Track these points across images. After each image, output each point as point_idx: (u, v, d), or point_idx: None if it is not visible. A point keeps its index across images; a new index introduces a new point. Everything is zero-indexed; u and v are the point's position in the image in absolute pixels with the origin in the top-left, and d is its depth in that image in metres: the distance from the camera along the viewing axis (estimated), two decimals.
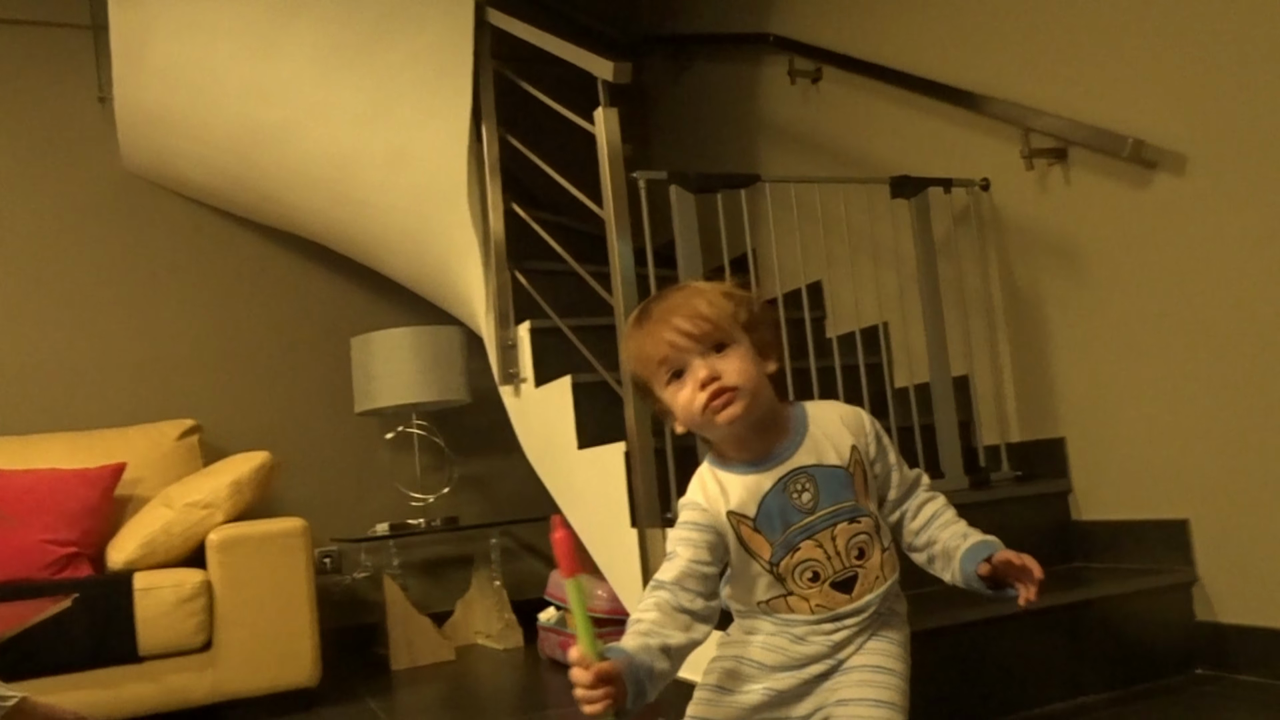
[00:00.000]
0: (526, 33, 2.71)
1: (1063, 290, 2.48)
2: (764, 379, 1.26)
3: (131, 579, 2.59)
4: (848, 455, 1.28)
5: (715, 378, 1.21)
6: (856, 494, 1.27)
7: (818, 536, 1.25)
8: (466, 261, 3.04)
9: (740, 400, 1.22)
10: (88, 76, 3.56)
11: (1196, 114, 2.13)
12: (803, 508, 1.25)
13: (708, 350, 1.22)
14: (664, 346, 1.22)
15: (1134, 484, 2.32)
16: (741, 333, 1.24)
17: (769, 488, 1.26)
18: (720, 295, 1.26)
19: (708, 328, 1.21)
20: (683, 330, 1.21)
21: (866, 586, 1.28)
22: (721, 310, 1.23)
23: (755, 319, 1.27)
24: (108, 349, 3.51)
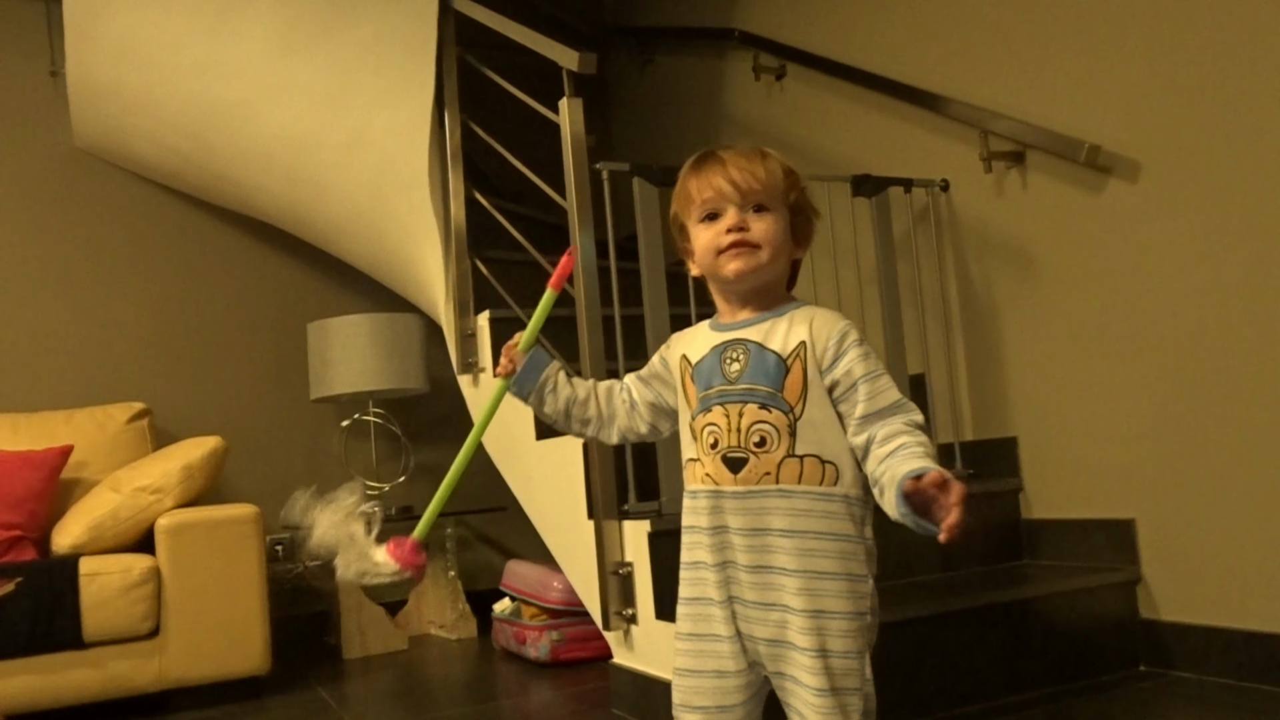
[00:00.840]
0: (491, 19, 2.69)
1: (1017, 292, 2.52)
2: (784, 255, 1.31)
3: (77, 563, 2.54)
4: (791, 348, 1.26)
5: (744, 228, 1.27)
6: (784, 387, 1.25)
7: (728, 407, 1.26)
8: (426, 248, 3.01)
9: (755, 258, 1.27)
10: (39, 49, 3.47)
11: (1151, 122, 2.17)
12: (728, 375, 1.28)
13: (748, 206, 1.28)
14: (710, 189, 1.29)
15: (1083, 483, 2.37)
16: (784, 207, 1.30)
17: (713, 346, 1.31)
18: (782, 169, 1.31)
19: (757, 187, 1.27)
20: (734, 180, 1.27)
21: (753, 476, 1.23)
22: (776, 179, 1.29)
23: (801, 204, 1.32)
24: (55, 329, 3.43)
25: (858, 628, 1.23)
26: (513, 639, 2.91)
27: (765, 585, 1.23)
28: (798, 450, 1.23)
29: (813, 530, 1.23)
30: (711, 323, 1.37)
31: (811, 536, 1.22)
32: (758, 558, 1.24)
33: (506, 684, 2.67)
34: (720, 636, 1.26)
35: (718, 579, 1.26)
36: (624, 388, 1.44)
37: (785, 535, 1.22)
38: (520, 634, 2.86)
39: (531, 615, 2.85)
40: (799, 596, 1.21)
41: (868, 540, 1.26)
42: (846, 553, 1.23)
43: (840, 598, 1.22)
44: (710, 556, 1.27)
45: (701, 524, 1.28)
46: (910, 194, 2.67)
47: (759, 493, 1.23)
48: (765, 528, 1.23)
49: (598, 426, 1.43)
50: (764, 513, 1.23)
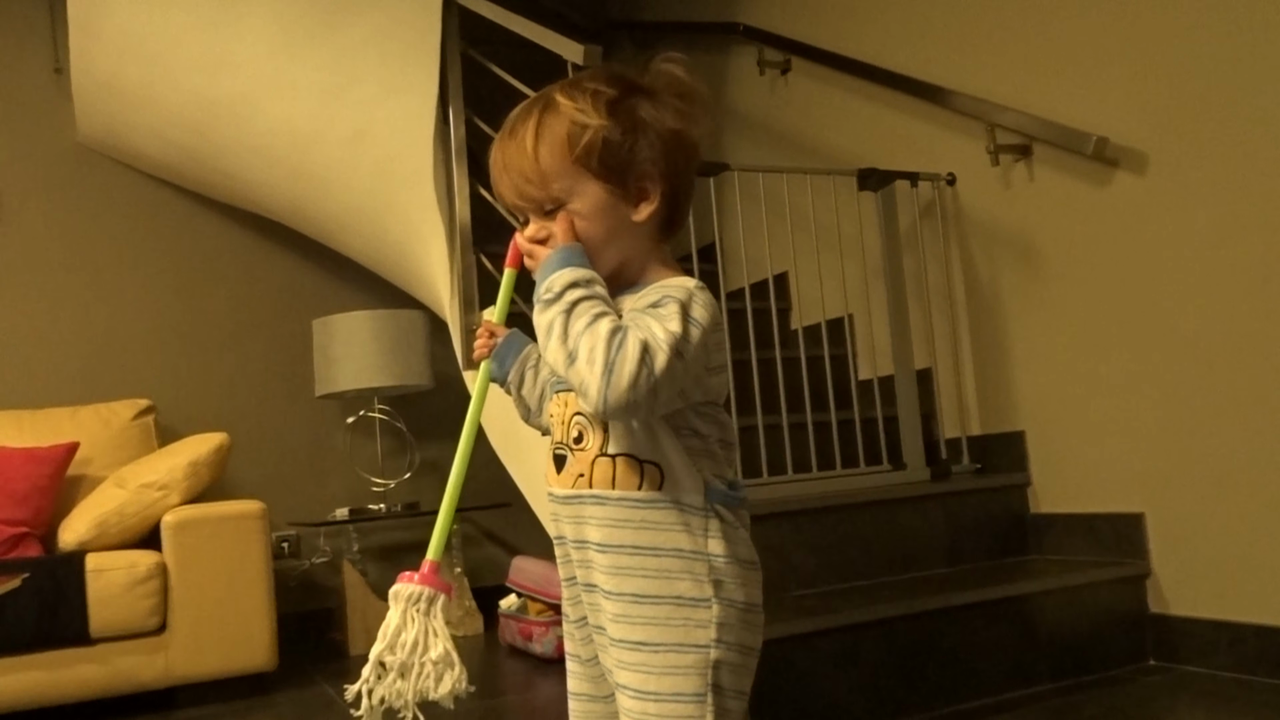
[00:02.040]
0: (495, 14, 2.68)
1: (1024, 286, 2.50)
2: (615, 238, 1.04)
3: (84, 559, 2.54)
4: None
5: (542, 240, 1.04)
6: None
7: (561, 395, 1.08)
8: (430, 244, 3.00)
9: None
10: (44, 46, 3.47)
11: (1159, 114, 2.16)
12: None
13: (539, 212, 1.05)
14: (500, 190, 1.08)
15: (1091, 478, 2.36)
16: (587, 179, 1.02)
17: None
18: (565, 131, 1.02)
19: (536, 192, 1.03)
20: (516, 187, 1.05)
21: (570, 477, 1.03)
22: (556, 162, 1.02)
23: (614, 159, 1.02)
24: (60, 326, 3.43)
25: (691, 664, 0.96)
26: (519, 635, 2.90)
27: (594, 606, 1.04)
28: (609, 449, 1.01)
29: (628, 544, 1.00)
30: None
31: (627, 551, 1.00)
32: (586, 574, 1.04)
33: (513, 680, 2.66)
34: (577, 658, 1.11)
35: (569, 595, 1.10)
36: None
37: (600, 550, 1.01)
38: (526, 630, 2.85)
39: (538, 611, 2.84)
40: (615, 623, 0.99)
41: (713, 556, 0.99)
42: (674, 571, 0.98)
43: (664, 626, 0.97)
44: (562, 570, 1.10)
45: (551, 531, 1.12)
46: (916, 188, 2.66)
47: (576, 498, 1.03)
48: (584, 540, 1.04)
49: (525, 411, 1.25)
50: (582, 522, 1.03)
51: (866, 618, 1.95)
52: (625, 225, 1.04)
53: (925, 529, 2.37)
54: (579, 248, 1.02)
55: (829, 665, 1.90)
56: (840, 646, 1.92)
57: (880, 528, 2.33)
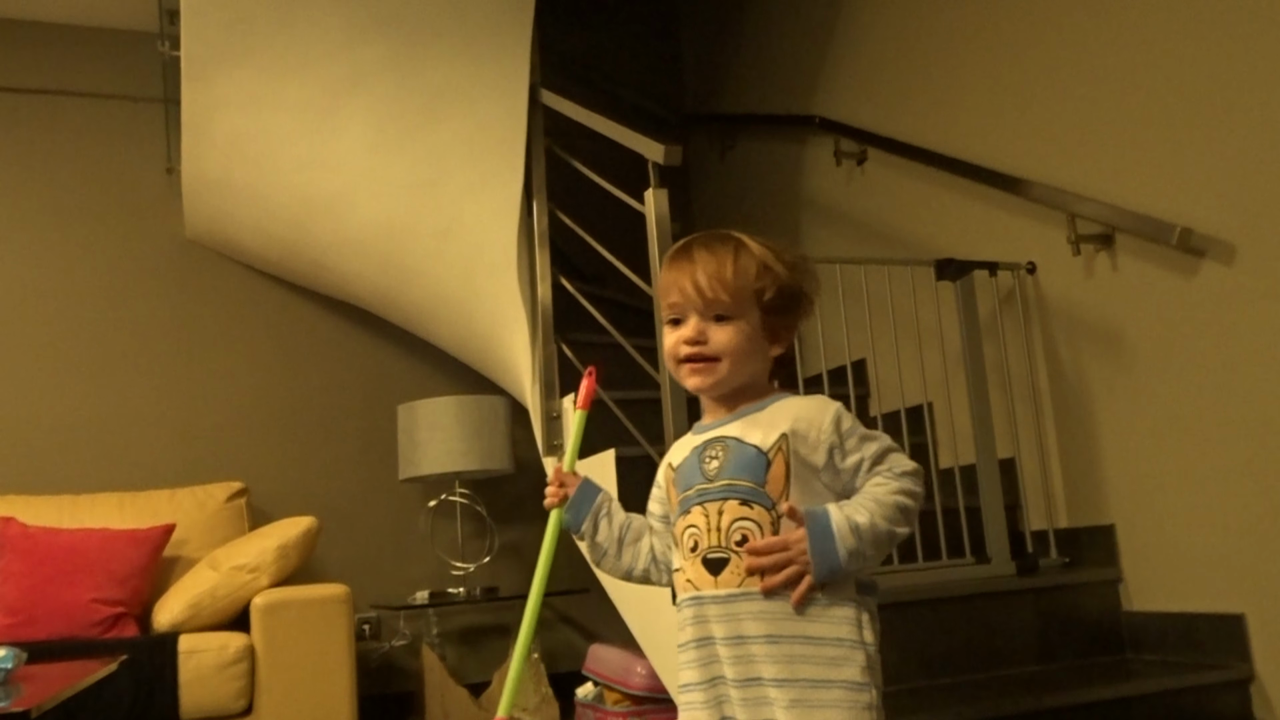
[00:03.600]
0: (577, 113, 2.79)
1: (1109, 375, 2.46)
2: (754, 359, 1.24)
3: (177, 641, 2.61)
4: (773, 440, 1.19)
5: (700, 341, 1.22)
6: (766, 481, 1.18)
7: (707, 505, 1.20)
8: (513, 332, 3.09)
9: (713, 373, 1.23)
10: (157, 147, 3.71)
11: (1245, 203, 2.13)
12: (706, 473, 1.22)
13: (709, 315, 1.23)
14: (675, 292, 1.24)
15: (1187, 575, 2.27)
16: (755, 310, 1.24)
17: (693, 447, 1.26)
18: (756, 266, 1.25)
19: (724, 296, 1.22)
20: (699, 285, 1.22)
21: (735, 577, 1.15)
22: (744, 283, 1.23)
23: (780, 301, 1.25)
24: (161, 410, 3.59)
25: None
26: None
27: (756, 701, 1.13)
28: None
29: (799, 635, 1.13)
30: (696, 426, 1.32)
31: (799, 642, 1.13)
32: (744, 669, 1.14)
33: None
34: None
35: (705, 698, 1.17)
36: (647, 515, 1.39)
37: (771, 642, 1.13)
38: (603, 719, 2.83)
39: (614, 701, 2.82)
40: (790, 710, 1.10)
41: (868, 645, 1.15)
42: (840, 659, 1.13)
43: (838, 709, 1.11)
44: (696, 674, 1.18)
45: (686, 637, 1.20)
46: (995, 277, 2.65)
47: (740, 596, 1.15)
48: (746, 635, 1.14)
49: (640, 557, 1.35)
50: (742, 619, 1.15)
51: (955, 718, 1.90)
52: (762, 353, 1.26)
53: (1013, 625, 2.30)
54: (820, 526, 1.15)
55: None
56: None
57: (966, 622, 2.27)
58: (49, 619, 2.73)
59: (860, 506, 1.16)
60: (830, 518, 1.15)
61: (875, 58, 3.31)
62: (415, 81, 3.15)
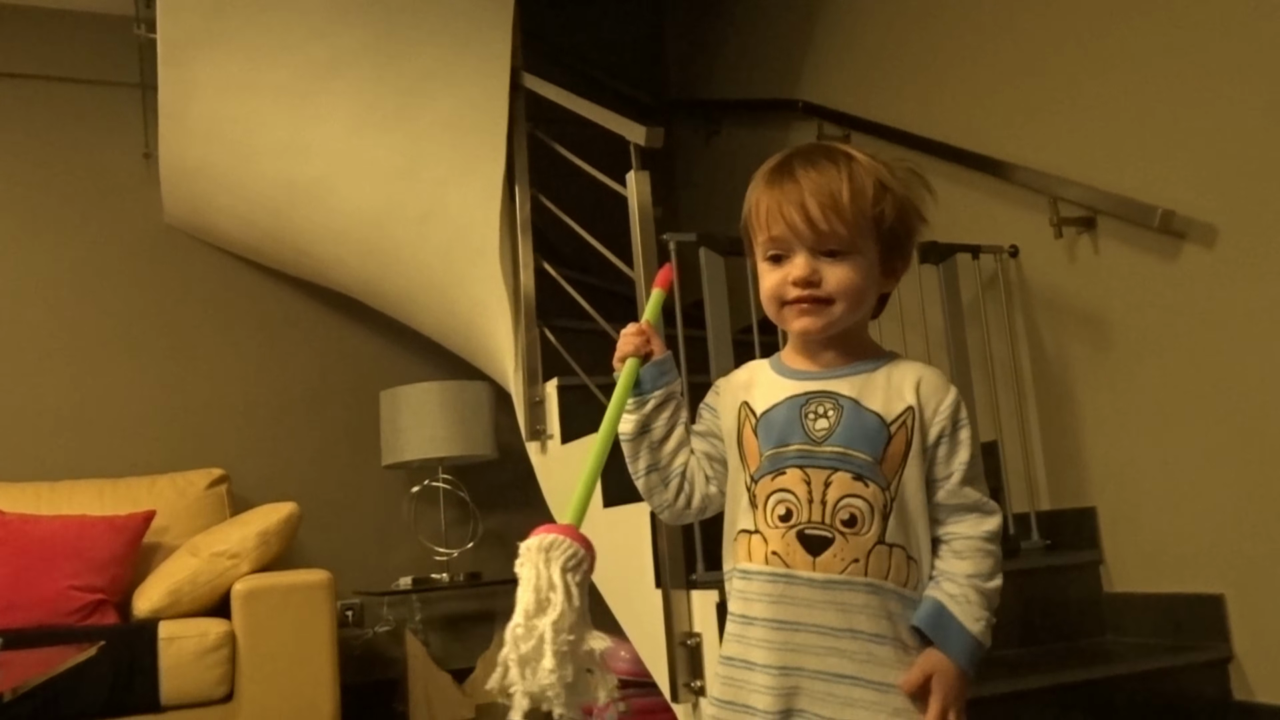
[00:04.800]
0: (560, 96, 2.78)
1: (1092, 359, 2.47)
2: (869, 300, 1.09)
3: (157, 627, 2.60)
4: (897, 412, 1.05)
5: (813, 282, 1.05)
6: (883, 457, 1.03)
7: (809, 471, 1.03)
8: (496, 318, 3.07)
9: (826, 315, 1.06)
10: (135, 133, 3.67)
11: (1227, 185, 2.14)
12: (812, 432, 1.05)
13: (822, 250, 1.05)
14: (778, 223, 1.05)
15: (1168, 557, 2.28)
16: (871, 241, 1.06)
17: (789, 395, 1.08)
18: (873, 185, 1.05)
19: (840, 228, 1.03)
20: (810, 215, 1.03)
21: (839, 562, 1.01)
22: (863, 207, 1.04)
23: (901, 228, 1.08)
24: (140, 397, 3.56)
25: None
26: (580, 710, 2.88)
27: (845, 701, 1.01)
28: (888, 538, 1.03)
29: (895, 637, 1.03)
30: (777, 364, 1.15)
31: (898, 646, 1.03)
32: (839, 664, 1.02)
33: None
34: None
35: (773, 684, 1.03)
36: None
37: (876, 641, 1.02)
38: (589, 708, 2.83)
39: None
40: (873, 711, 1.01)
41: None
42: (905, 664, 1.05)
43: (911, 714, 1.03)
44: (764, 656, 1.04)
45: (757, 614, 1.06)
46: (978, 260, 2.65)
47: (844, 584, 1.02)
48: (851, 628, 1.02)
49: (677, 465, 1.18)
50: (849, 610, 1.02)
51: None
52: (874, 291, 1.10)
53: None
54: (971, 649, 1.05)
55: None
56: None
57: None
58: (27, 606, 2.70)
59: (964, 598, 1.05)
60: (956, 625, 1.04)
61: (858, 42, 3.30)
62: (396, 65, 3.13)
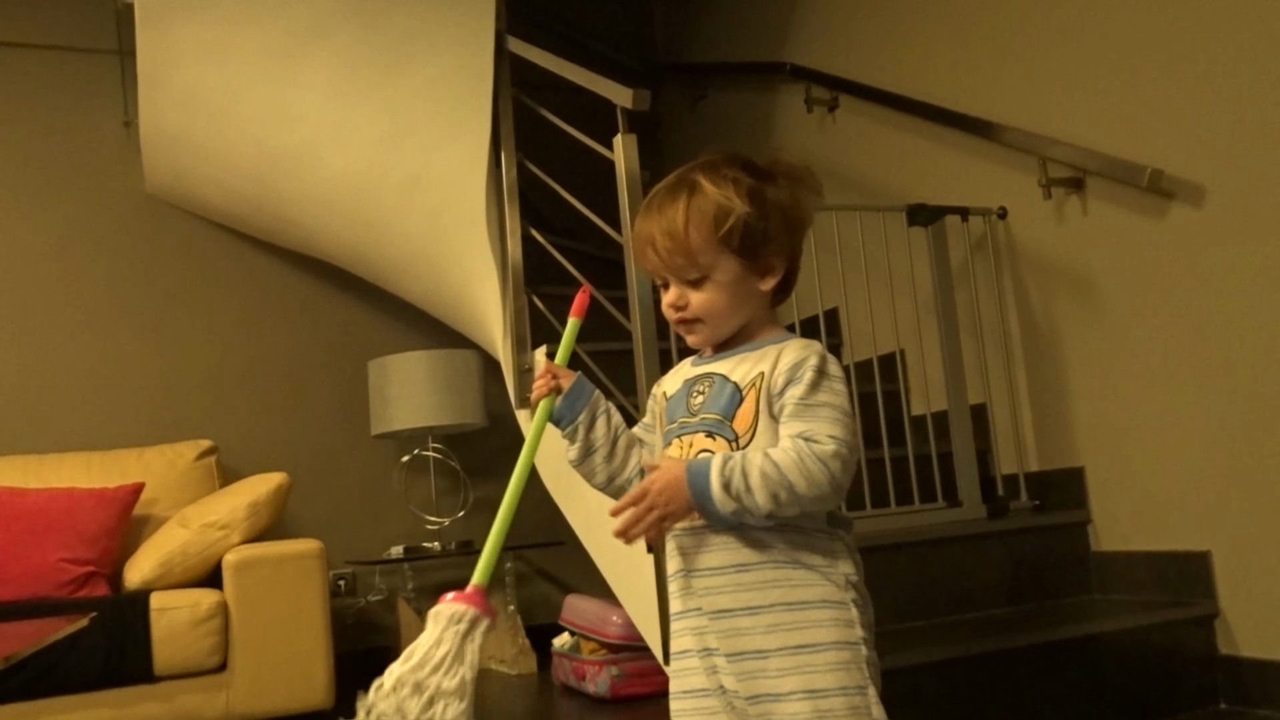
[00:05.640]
0: (545, 60, 2.74)
1: (1080, 319, 2.47)
2: (743, 307, 1.20)
3: (148, 599, 2.60)
4: (750, 377, 1.17)
5: (679, 306, 1.20)
6: (735, 416, 1.16)
7: (684, 438, 1.19)
8: (484, 285, 3.05)
9: (701, 333, 1.21)
10: (114, 100, 3.61)
11: (1215, 145, 2.13)
12: (690, 408, 1.21)
13: (682, 279, 1.19)
14: (645, 258, 1.21)
15: (1154, 515, 2.30)
16: (728, 258, 1.17)
17: (685, 379, 1.25)
18: (713, 212, 1.16)
19: (680, 260, 1.17)
20: (659, 252, 1.18)
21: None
22: (703, 237, 1.16)
23: (752, 240, 1.17)
24: (127, 369, 3.53)
25: (850, 659, 1.12)
26: (572, 674, 2.90)
27: (729, 633, 1.14)
28: None
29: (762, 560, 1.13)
30: (694, 358, 1.30)
31: (769, 566, 1.13)
32: (722, 600, 1.14)
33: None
34: (706, 690, 1.16)
35: (686, 627, 1.18)
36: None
37: (739, 570, 1.14)
38: (580, 669, 2.85)
39: (591, 650, 2.84)
40: (770, 634, 1.11)
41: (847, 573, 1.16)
42: (812, 581, 1.13)
43: (820, 627, 1.11)
44: (679, 604, 1.20)
45: (671, 567, 1.22)
46: (967, 223, 2.64)
47: (701, 529, 1.16)
48: (713, 567, 1.15)
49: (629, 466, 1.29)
50: (707, 549, 1.16)
51: (925, 659, 1.92)
52: (753, 294, 1.20)
53: (984, 567, 2.33)
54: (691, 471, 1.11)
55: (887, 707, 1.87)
56: (899, 689, 1.88)
57: (938, 566, 2.29)
58: (18, 579, 2.70)
59: (735, 457, 1.12)
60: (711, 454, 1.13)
61: (846, 4, 3.27)
62: (379, 29, 3.08)
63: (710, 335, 1.22)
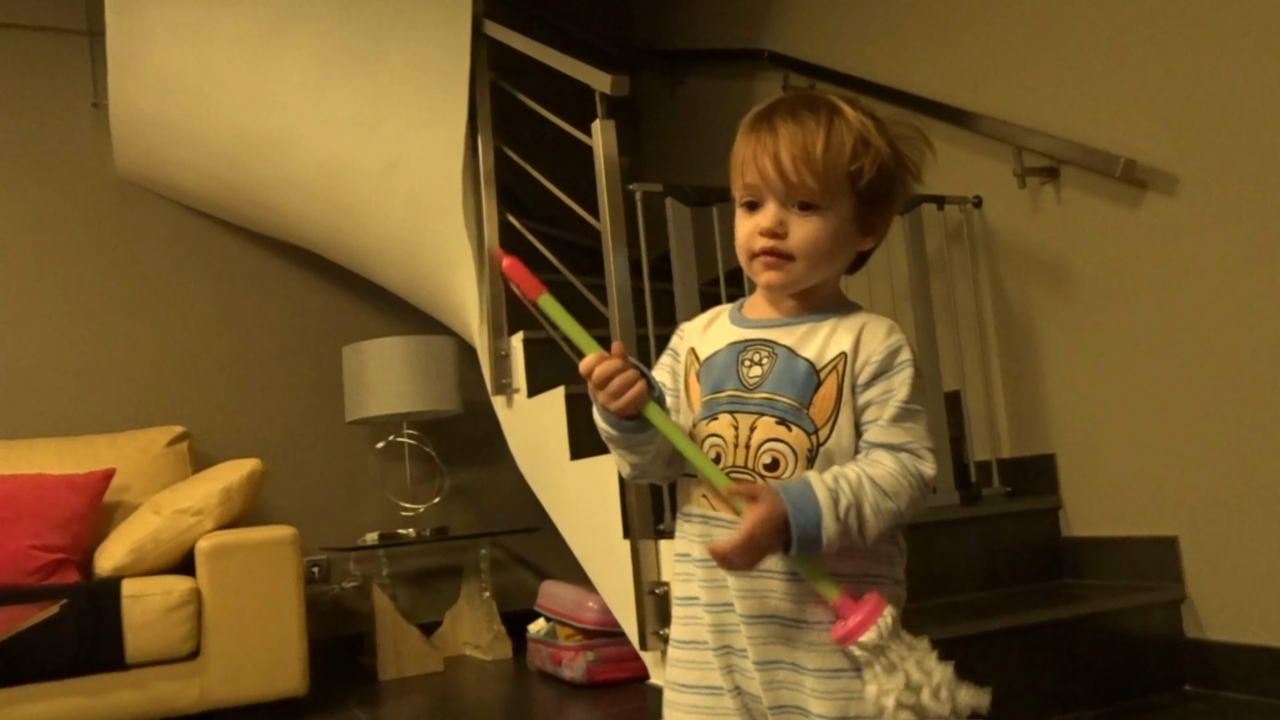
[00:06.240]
0: (524, 45, 2.73)
1: (1054, 308, 2.50)
2: (838, 258, 1.06)
3: (120, 585, 2.57)
4: (829, 357, 1.03)
5: (779, 233, 1.04)
6: (812, 403, 1.02)
7: (738, 416, 1.04)
8: (460, 271, 3.04)
9: (789, 272, 1.05)
10: (83, 82, 3.56)
11: (1188, 135, 2.16)
12: (745, 378, 1.05)
13: (791, 202, 1.03)
14: (751, 170, 1.05)
15: (1124, 501, 2.33)
16: (846, 198, 1.04)
17: (730, 341, 1.08)
18: (853, 142, 1.03)
19: (810, 181, 1.01)
20: (782, 166, 1.02)
21: None
22: (838, 162, 1.02)
23: (879, 185, 1.05)
24: (97, 354, 3.49)
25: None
26: (548, 660, 2.91)
27: (765, 639, 1.02)
28: None
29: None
30: (734, 313, 1.13)
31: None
32: (757, 605, 1.02)
33: (542, 706, 2.66)
34: (720, 689, 1.06)
35: (711, 620, 1.06)
36: None
37: (787, 579, 1.02)
38: (556, 655, 2.85)
39: (567, 636, 2.84)
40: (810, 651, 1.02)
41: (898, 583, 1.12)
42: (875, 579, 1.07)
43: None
44: (705, 594, 1.06)
45: (695, 554, 1.07)
46: (943, 211, 2.66)
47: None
48: (765, 569, 1.01)
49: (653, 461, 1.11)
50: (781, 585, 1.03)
51: None
52: (849, 248, 1.08)
53: (957, 553, 2.36)
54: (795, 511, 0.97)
55: None
56: None
57: (912, 552, 2.30)
58: None
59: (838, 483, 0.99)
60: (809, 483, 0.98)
61: None
62: (356, 13, 3.05)
63: (795, 278, 1.05)
